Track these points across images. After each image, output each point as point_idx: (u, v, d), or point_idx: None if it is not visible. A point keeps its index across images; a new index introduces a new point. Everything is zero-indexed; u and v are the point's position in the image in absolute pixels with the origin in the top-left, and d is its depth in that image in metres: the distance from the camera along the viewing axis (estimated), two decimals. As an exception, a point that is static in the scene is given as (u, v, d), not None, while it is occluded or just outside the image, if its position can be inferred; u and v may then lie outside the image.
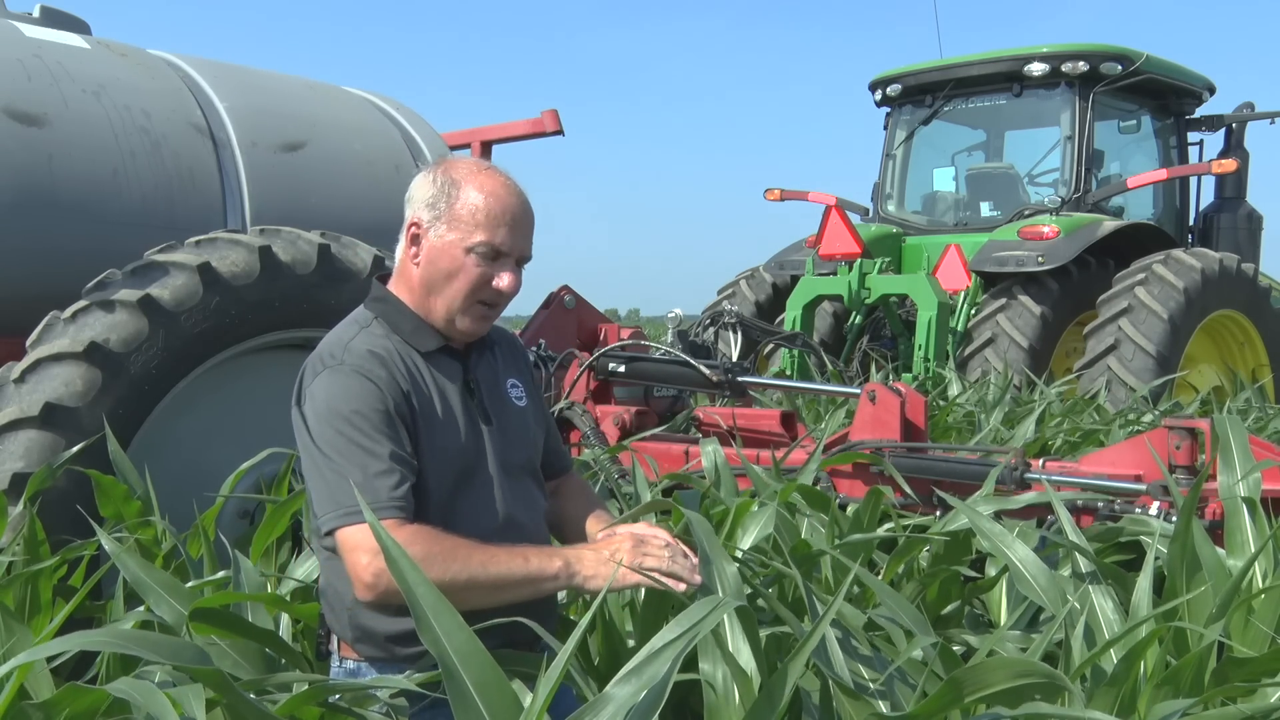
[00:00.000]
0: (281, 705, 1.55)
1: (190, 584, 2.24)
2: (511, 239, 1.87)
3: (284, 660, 2.00)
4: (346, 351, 1.86)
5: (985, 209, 9.17)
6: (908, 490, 3.25)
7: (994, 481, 3.02)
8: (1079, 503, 3.08)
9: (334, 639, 1.93)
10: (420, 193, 1.92)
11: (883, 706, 1.72)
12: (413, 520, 1.76)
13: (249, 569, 2.12)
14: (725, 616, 1.72)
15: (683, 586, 1.75)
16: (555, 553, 1.76)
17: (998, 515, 2.63)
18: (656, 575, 1.75)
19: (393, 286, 1.97)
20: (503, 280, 1.88)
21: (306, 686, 1.59)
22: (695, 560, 1.79)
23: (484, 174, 1.91)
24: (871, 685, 1.78)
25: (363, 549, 1.73)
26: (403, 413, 1.82)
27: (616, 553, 1.75)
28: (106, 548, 2.08)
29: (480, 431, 1.93)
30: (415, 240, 1.92)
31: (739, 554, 2.44)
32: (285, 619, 2.19)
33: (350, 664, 1.91)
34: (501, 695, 1.34)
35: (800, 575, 1.99)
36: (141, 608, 2.25)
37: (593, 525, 2.07)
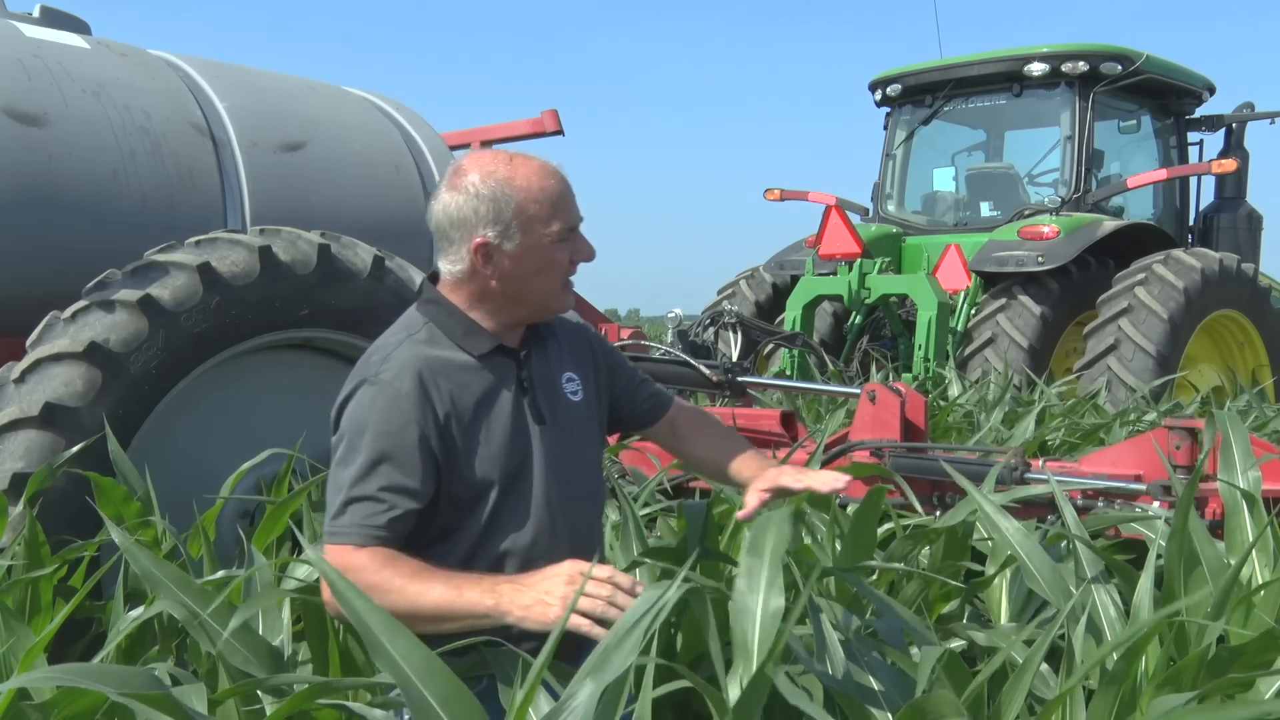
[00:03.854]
0: (280, 708, 1.55)
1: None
2: (576, 211, 1.91)
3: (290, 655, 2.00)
4: (386, 363, 1.85)
5: (985, 209, 9.17)
6: (909, 494, 3.25)
7: (994, 480, 3.02)
8: (1079, 503, 3.08)
9: None
10: (469, 213, 1.85)
11: (886, 711, 1.73)
12: (391, 546, 1.76)
13: (260, 560, 2.11)
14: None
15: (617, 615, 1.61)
16: (491, 589, 1.70)
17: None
18: (591, 620, 1.63)
19: (448, 294, 1.93)
20: (584, 252, 1.92)
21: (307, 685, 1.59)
22: (640, 590, 1.65)
23: (520, 167, 1.87)
24: (875, 688, 1.78)
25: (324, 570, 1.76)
26: (426, 435, 1.80)
27: (547, 593, 1.67)
28: (117, 540, 2.07)
29: (530, 432, 1.90)
30: (488, 259, 1.86)
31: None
32: (287, 617, 2.19)
33: None
34: (466, 707, 1.34)
35: (801, 578, 2.00)
36: (141, 609, 2.25)
37: (746, 467, 2.11)
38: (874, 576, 2.55)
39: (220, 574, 2.32)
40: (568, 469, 1.94)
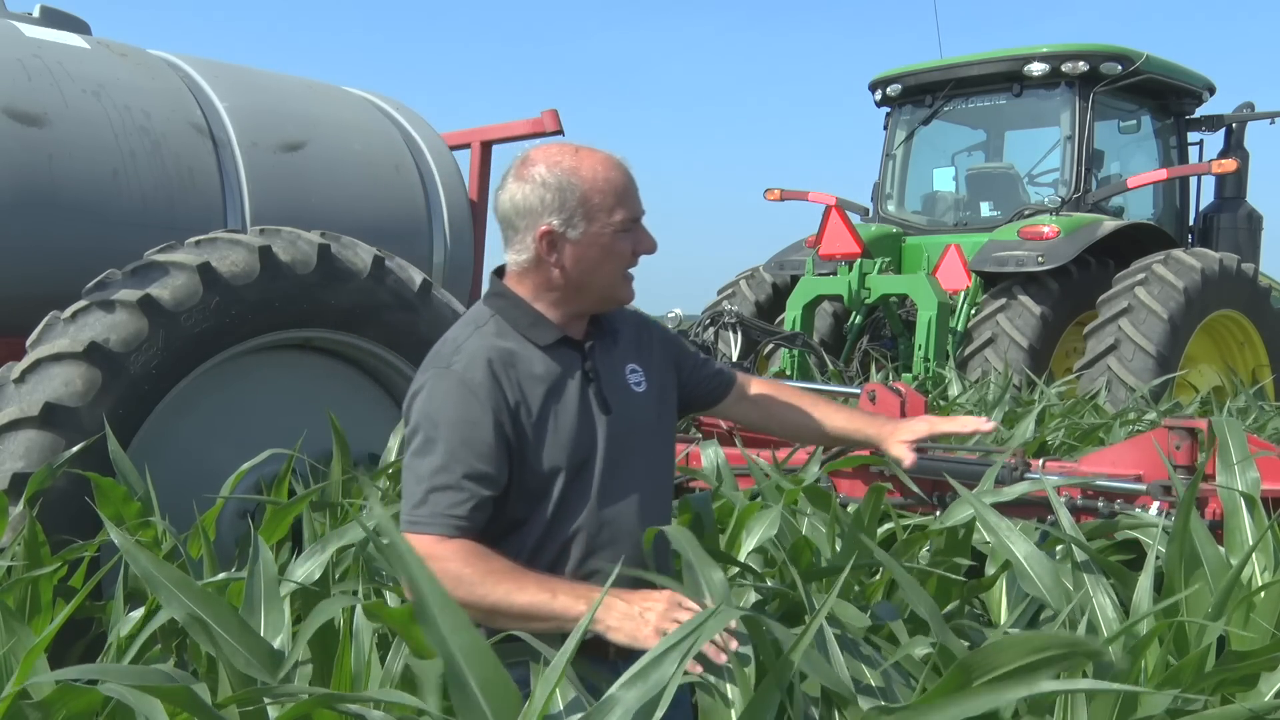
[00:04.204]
0: (284, 714, 1.55)
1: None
2: (639, 203, 1.93)
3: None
4: (457, 354, 1.88)
5: (985, 209, 9.17)
6: (914, 489, 3.25)
7: (993, 480, 3.02)
8: (1078, 503, 3.08)
9: None
10: (535, 202, 1.89)
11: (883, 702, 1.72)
12: (471, 536, 1.80)
13: (268, 559, 2.10)
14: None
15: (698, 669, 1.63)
16: (585, 596, 1.73)
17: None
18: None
19: (514, 287, 1.97)
20: (645, 244, 1.94)
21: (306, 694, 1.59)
22: (730, 641, 1.68)
23: (585, 158, 1.91)
24: (871, 684, 1.78)
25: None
26: (500, 422, 1.83)
27: (646, 611, 1.70)
28: (116, 542, 2.07)
29: (596, 422, 1.93)
30: (553, 247, 1.90)
31: (743, 556, 2.44)
32: (287, 616, 2.18)
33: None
34: (504, 693, 1.35)
35: (800, 577, 1.99)
36: (141, 610, 2.25)
37: (863, 424, 2.21)
38: (875, 577, 2.54)
39: (222, 576, 2.32)
40: (632, 459, 1.96)
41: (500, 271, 2.01)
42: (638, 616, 1.70)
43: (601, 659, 1.75)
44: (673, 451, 2.13)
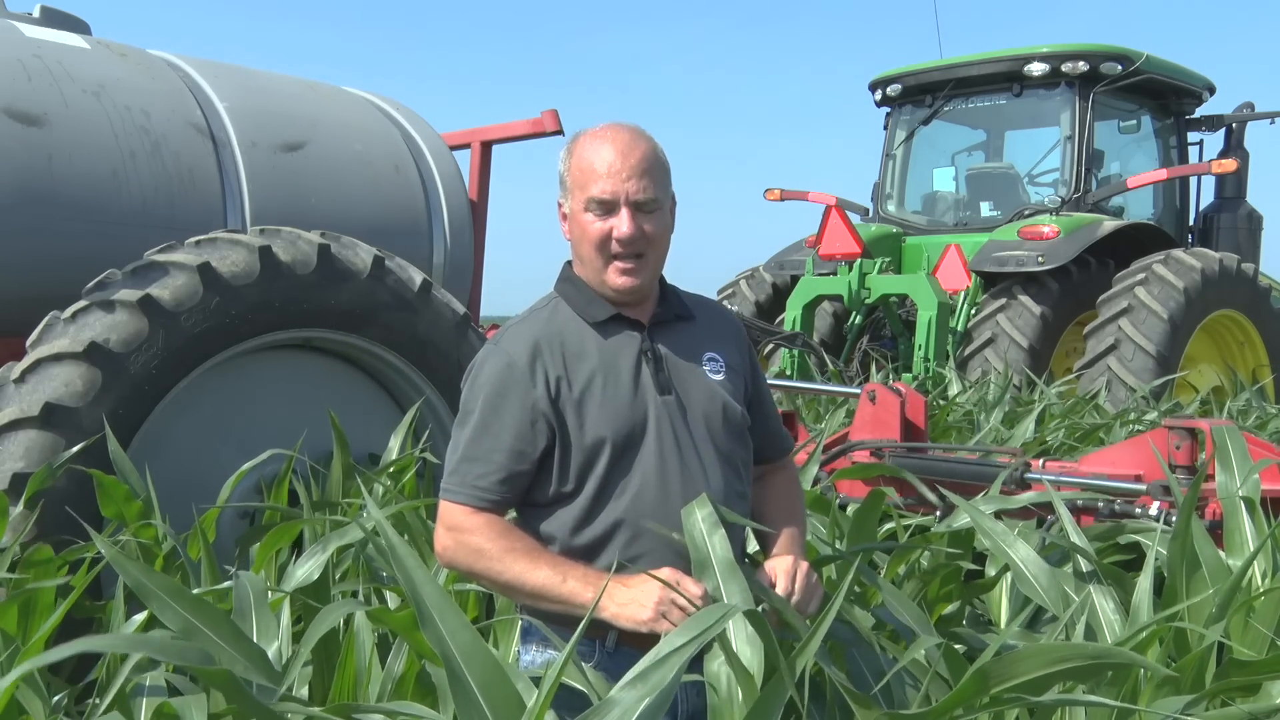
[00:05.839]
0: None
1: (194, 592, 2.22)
2: (611, 186, 1.86)
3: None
4: (506, 333, 1.95)
5: (985, 209, 9.17)
6: (923, 490, 3.24)
7: (1000, 484, 3.02)
8: (1079, 503, 3.08)
9: None
10: (558, 179, 1.98)
11: (883, 707, 1.72)
12: (498, 511, 1.87)
13: (252, 577, 2.08)
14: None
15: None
16: (595, 582, 1.76)
17: (998, 515, 2.63)
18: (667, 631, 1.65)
19: (575, 267, 2.01)
20: (618, 229, 1.87)
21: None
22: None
23: (589, 134, 1.92)
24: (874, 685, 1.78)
25: (441, 522, 1.89)
26: (535, 398, 1.86)
27: (644, 593, 1.73)
28: (104, 552, 2.07)
29: (651, 401, 1.90)
30: (563, 220, 1.98)
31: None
32: (286, 619, 2.18)
33: (524, 621, 1.97)
34: (504, 692, 1.35)
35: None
36: (144, 612, 2.24)
37: (777, 543, 1.99)
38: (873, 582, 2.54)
39: (225, 584, 2.31)
40: (695, 444, 1.92)
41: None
42: (637, 598, 1.73)
43: (600, 648, 1.82)
44: (748, 450, 2.02)
